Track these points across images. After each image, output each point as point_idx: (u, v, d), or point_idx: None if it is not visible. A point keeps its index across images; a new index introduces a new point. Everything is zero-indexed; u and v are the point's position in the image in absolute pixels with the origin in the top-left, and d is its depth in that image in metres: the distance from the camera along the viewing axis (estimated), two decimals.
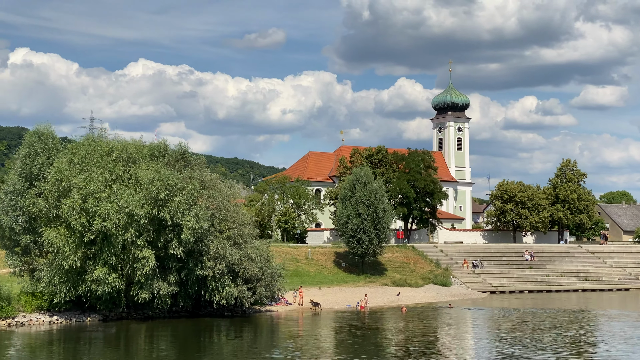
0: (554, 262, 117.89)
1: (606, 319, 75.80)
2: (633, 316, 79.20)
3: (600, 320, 75.30)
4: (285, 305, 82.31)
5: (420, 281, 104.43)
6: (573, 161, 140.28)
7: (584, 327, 68.75)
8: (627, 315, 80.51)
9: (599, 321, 74.16)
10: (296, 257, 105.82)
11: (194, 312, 74.44)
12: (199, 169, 76.62)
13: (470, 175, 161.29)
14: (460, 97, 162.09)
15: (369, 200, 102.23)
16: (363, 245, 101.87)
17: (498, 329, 68.37)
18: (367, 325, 71.30)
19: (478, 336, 64.64)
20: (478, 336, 64.64)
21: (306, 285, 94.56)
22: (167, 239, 68.80)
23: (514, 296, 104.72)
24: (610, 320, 74.62)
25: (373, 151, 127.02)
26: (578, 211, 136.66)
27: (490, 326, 70.86)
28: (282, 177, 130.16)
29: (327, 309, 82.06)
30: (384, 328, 69.44)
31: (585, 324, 71.41)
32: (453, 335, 64.96)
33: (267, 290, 75.58)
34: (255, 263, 74.12)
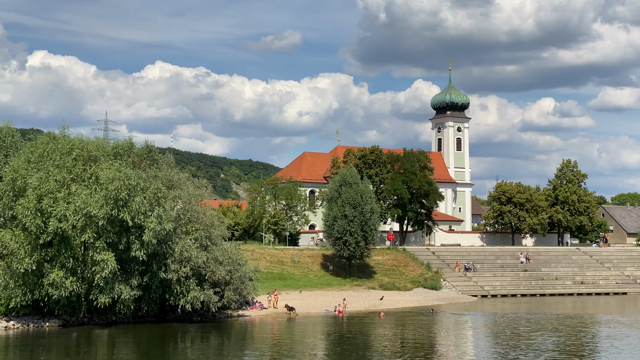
0: (550, 265, 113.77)
1: (595, 325, 71.78)
2: (624, 322, 75.05)
3: (588, 326, 71.24)
4: (259, 309, 78.79)
5: (409, 285, 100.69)
6: (573, 162, 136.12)
7: (566, 333, 64.85)
8: (617, 321, 76.30)
9: (586, 328, 70.13)
10: (282, 260, 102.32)
11: (160, 317, 71.04)
12: (166, 168, 73.33)
13: (470, 176, 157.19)
14: (459, 97, 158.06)
15: (355, 201, 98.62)
16: (349, 247, 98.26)
17: (472, 336, 64.65)
18: (338, 330, 67.77)
19: (447, 342, 60.84)
20: (447, 342, 60.84)
21: (288, 289, 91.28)
22: (129, 241, 65.61)
23: (505, 300, 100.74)
24: (598, 326, 70.66)
25: (367, 151, 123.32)
26: (578, 213, 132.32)
27: (462, 333, 67.02)
28: (274, 178, 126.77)
29: (304, 314, 78.51)
30: (353, 334, 65.67)
31: (571, 329, 67.45)
32: (420, 342, 61.17)
33: (235, 294, 72.00)
34: (224, 266, 70.56)
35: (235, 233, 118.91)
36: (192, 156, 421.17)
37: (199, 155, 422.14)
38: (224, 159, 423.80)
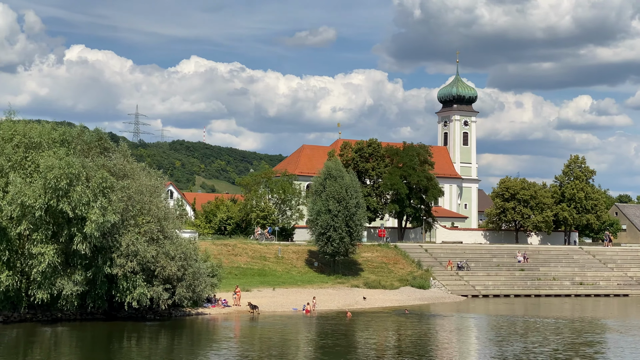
0: (549, 264, 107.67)
1: (570, 329, 66.09)
2: (612, 327, 69.21)
3: (559, 329, 65.56)
4: (221, 307, 73.92)
5: (396, 283, 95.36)
6: (581, 157, 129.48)
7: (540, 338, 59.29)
8: (603, 326, 70.42)
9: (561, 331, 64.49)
10: (265, 256, 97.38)
11: (110, 315, 66.40)
12: (120, 158, 68.71)
13: (477, 172, 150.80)
14: (467, 90, 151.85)
15: (340, 196, 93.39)
16: (333, 243, 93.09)
17: (431, 342, 59.25)
18: (286, 331, 62.70)
19: (390, 349, 55.52)
20: (390, 349, 55.52)
21: (264, 286, 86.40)
22: (71, 234, 61.13)
23: (497, 301, 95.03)
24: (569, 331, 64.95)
25: (364, 144, 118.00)
26: (585, 211, 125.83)
27: (420, 340, 61.54)
28: (269, 171, 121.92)
29: (269, 313, 73.63)
30: (298, 336, 60.61)
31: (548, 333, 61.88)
32: (355, 347, 55.93)
33: (189, 291, 67.10)
34: (175, 261, 65.72)
35: (227, 227, 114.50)
36: (222, 150, 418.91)
37: (228, 150, 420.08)
38: (254, 154, 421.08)
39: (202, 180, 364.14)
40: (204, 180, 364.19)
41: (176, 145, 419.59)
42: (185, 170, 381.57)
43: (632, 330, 67.02)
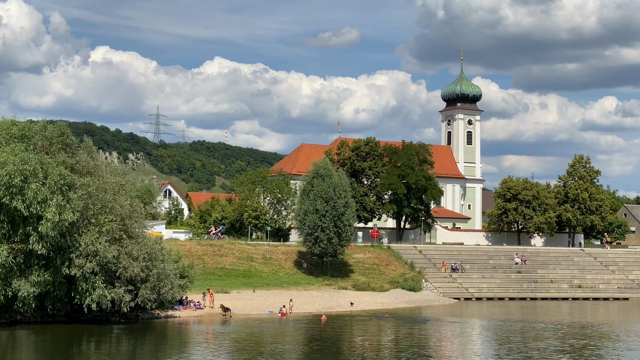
0: (547, 266, 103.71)
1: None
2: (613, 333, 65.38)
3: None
4: (193, 309, 70.80)
5: (386, 285, 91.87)
6: (586, 157, 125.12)
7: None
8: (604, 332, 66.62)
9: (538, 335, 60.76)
10: (252, 256, 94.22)
11: (73, 317, 63.33)
12: (85, 154, 65.78)
13: (481, 172, 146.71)
14: (471, 88, 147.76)
15: (328, 195, 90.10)
16: (321, 244, 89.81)
17: (384, 351, 55.83)
18: (254, 335, 59.42)
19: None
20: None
21: (245, 287, 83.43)
22: (26, 233, 58.24)
23: (490, 304, 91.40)
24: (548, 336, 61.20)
25: (361, 143, 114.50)
26: (589, 212, 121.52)
27: (378, 346, 58.10)
28: (264, 170, 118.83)
29: (243, 315, 70.49)
30: (263, 340, 57.34)
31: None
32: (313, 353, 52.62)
33: (153, 293, 63.93)
34: (138, 262, 62.58)
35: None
36: (242, 151, 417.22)
37: (249, 151, 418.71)
38: (274, 154, 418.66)
39: (222, 181, 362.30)
40: (224, 181, 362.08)
41: (197, 145, 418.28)
42: (205, 171, 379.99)
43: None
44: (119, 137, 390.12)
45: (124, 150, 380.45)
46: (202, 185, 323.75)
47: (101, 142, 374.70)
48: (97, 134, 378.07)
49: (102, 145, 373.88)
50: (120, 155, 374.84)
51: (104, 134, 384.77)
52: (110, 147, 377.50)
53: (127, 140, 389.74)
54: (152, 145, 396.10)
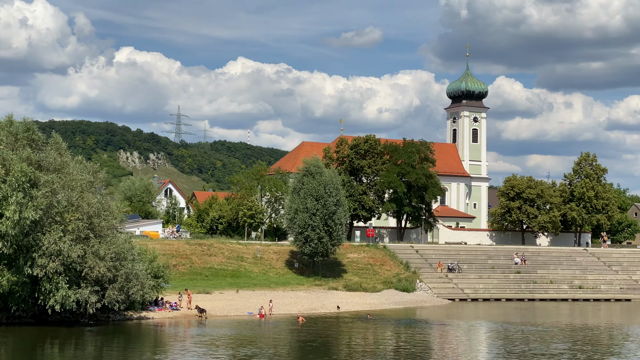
0: (548, 267, 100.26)
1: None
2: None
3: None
4: (168, 310, 68.23)
5: (378, 285, 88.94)
6: (592, 155, 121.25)
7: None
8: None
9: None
10: (242, 256, 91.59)
11: (41, 319, 60.88)
12: (52, 151, 63.37)
13: (487, 170, 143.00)
14: (476, 85, 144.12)
15: (318, 193, 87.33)
16: (311, 243, 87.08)
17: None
18: (222, 338, 56.73)
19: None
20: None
21: (230, 288, 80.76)
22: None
23: (486, 305, 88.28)
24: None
25: (360, 140, 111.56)
26: (595, 211, 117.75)
27: (338, 349, 55.20)
28: (262, 169, 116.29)
29: (221, 317, 67.85)
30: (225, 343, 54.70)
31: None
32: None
33: (121, 293, 61.39)
34: (105, 261, 60.06)
35: (219, 227, 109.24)
36: (263, 151, 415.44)
37: (270, 150, 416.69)
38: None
39: None
40: None
41: (217, 145, 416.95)
42: (225, 171, 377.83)
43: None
44: (140, 137, 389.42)
45: (145, 150, 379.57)
46: (223, 185, 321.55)
47: (122, 142, 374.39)
48: (118, 134, 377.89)
49: (124, 145, 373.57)
50: (141, 155, 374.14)
51: (125, 134, 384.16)
52: (131, 147, 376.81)
53: (148, 140, 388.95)
54: (173, 145, 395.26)
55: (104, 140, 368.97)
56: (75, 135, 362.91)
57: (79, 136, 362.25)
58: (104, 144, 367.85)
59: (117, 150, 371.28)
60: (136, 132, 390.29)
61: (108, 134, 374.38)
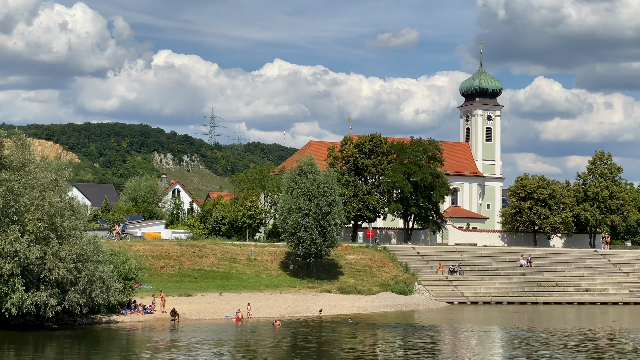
0: (555, 269, 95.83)
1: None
2: None
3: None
4: (141, 314, 65.16)
5: (375, 288, 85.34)
6: (607, 153, 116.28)
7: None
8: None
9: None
10: (235, 258, 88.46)
11: (4, 323, 57.97)
12: (14, 148, 60.63)
13: (502, 169, 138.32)
14: (490, 82, 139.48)
15: (311, 193, 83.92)
16: (304, 244, 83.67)
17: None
18: (182, 343, 53.55)
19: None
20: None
21: (215, 290, 77.56)
22: None
23: (485, 308, 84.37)
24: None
25: (366, 139, 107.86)
26: (610, 211, 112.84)
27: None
28: (264, 168, 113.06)
29: (196, 320, 64.75)
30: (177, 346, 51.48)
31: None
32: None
33: (83, 296, 58.41)
34: (65, 263, 57.13)
35: (222, 227, 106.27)
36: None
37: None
38: None
39: None
40: None
41: (251, 147, 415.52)
42: None
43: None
44: (174, 139, 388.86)
45: (179, 152, 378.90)
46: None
47: (156, 144, 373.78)
48: (152, 136, 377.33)
49: (157, 147, 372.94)
50: (175, 157, 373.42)
51: (159, 136, 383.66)
52: (165, 149, 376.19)
53: (182, 142, 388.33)
54: (207, 147, 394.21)
55: (138, 142, 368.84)
56: (110, 137, 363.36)
57: (114, 138, 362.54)
58: (138, 146, 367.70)
59: (151, 152, 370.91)
60: (170, 134, 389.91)
61: (142, 136, 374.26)
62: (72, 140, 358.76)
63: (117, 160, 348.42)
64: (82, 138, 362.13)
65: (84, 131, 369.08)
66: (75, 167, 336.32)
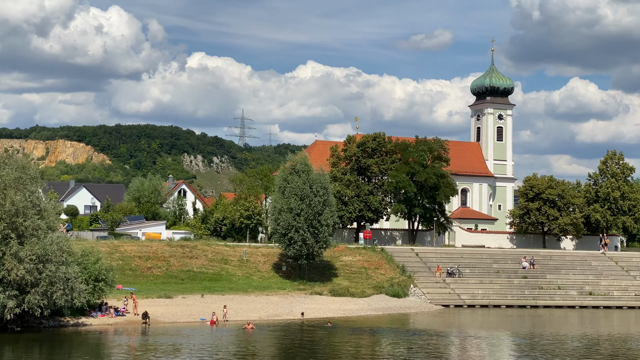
0: (559, 271, 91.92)
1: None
2: None
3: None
4: (112, 316, 62.52)
5: (368, 290, 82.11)
6: (619, 153, 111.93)
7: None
8: None
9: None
10: (227, 259, 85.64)
11: None
12: None
13: (513, 170, 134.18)
14: (501, 81, 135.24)
15: (303, 193, 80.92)
16: (295, 245, 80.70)
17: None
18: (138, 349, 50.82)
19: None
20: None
21: (198, 292, 74.62)
22: None
23: (482, 311, 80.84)
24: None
25: (369, 138, 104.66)
26: (622, 212, 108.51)
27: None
28: (265, 168, 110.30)
29: (170, 323, 62.11)
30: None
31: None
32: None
33: (44, 298, 55.84)
34: (24, 264, 54.62)
35: (223, 228, 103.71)
36: None
37: None
38: None
39: None
40: None
41: (281, 149, 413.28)
42: None
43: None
44: (204, 140, 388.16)
45: (209, 154, 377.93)
46: None
47: (186, 145, 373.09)
48: (182, 138, 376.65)
49: (187, 148, 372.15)
50: (205, 158, 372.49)
51: (190, 137, 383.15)
52: (195, 151, 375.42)
53: (212, 144, 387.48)
54: (237, 149, 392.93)
55: (168, 144, 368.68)
56: (140, 139, 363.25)
57: (144, 140, 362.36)
58: (168, 148, 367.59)
59: (181, 153, 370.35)
60: (200, 135, 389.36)
61: (172, 138, 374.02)
62: (103, 142, 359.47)
63: (147, 162, 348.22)
64: (113, 140, 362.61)
65: (115, 133, 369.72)
66: (105, 168, 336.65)
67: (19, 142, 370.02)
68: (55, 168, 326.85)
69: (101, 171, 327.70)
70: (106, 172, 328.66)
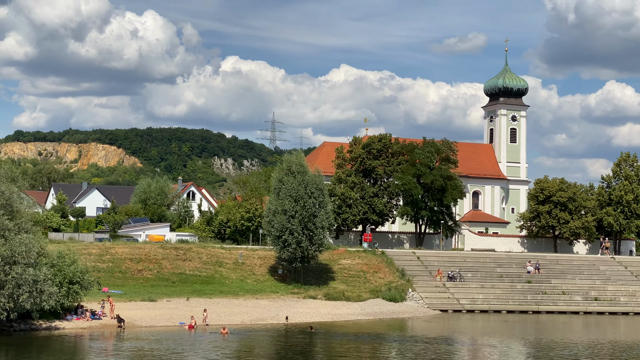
0: (564, 276, 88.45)
1: None
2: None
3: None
4: (87, 320, 60.36)
5: (365, 294, 79.42)
6: (633, 155, 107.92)
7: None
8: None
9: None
10: (222, 261, 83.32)
11: None
12: None
13: (527, 172, 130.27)
14: (515, 81, 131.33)
15: (298, 194, 78.36)
16: (289, 248, 78.15)
17: None
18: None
19: None
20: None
21: (184, 296, 72.42)
22: None
23: (481, 317, 77.81)
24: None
25: (375, 139, 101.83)
26: (635, 216, 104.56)
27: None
28: (268, 170, 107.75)
29: (147, 327, 59.96)
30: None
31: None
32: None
33: (10, 301, 53.87)
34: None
35: (227, 230, 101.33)
36: None
37: None
38: None
39: None
40: None
41: (310, 152, 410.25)
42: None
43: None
44: (234, 144, 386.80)
45: (239, 157, 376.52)
46: None
47: (217, 148, 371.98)
48: (213, 141, 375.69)
49: (218, 151, 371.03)
50: (235, 161, 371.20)
51: (220, 140, 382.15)
52: (225, 154, 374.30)
53: (242, 147, 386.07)
54: (268, 152, 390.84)
55: (199, 147, 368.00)
56: (171, 142, 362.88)
57: (175, 143, 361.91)
58: (199, 151, 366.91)
59: (212, 156, 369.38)
60: (231, 139, 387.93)
61: (203, 141, 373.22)
62: (134, 145, 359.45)
63: (178, 165, 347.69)
64: (144, 143, 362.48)
65: (147, 136, 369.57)
66: (136, 171, 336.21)
67: (52, 145, 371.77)
68: (86, 171, 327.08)
69: (132, 174, 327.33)
70: (137, 175, 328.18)
